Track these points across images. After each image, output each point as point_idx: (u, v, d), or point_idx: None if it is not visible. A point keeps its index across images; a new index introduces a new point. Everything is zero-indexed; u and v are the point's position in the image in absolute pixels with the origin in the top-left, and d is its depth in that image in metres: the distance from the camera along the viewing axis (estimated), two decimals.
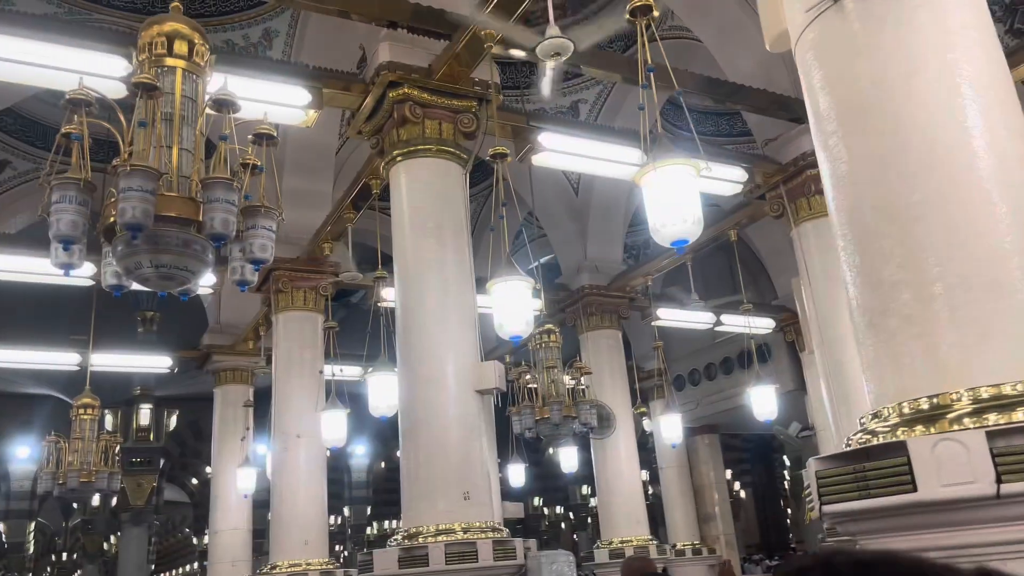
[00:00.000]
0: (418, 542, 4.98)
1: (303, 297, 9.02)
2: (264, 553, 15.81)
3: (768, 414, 9.04)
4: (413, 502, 5.27)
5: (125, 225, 2.91)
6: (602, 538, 10.05)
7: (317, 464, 8.52)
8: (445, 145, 5.92)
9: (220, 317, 12.21)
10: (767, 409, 9.01)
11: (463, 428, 5.36)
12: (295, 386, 8.69)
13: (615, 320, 10.93)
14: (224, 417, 11.75)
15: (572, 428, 8.08)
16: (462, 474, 5.24)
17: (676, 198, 3.41)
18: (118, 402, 18.81)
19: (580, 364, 8.16)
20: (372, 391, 6.80)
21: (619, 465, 10.20)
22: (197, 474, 25.37)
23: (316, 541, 8.29)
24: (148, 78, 3.10)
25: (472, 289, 5.80)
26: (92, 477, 8.88)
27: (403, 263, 5.83)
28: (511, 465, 11.84)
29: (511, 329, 4.81)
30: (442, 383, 5.41)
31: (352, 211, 7.97)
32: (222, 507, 11.31)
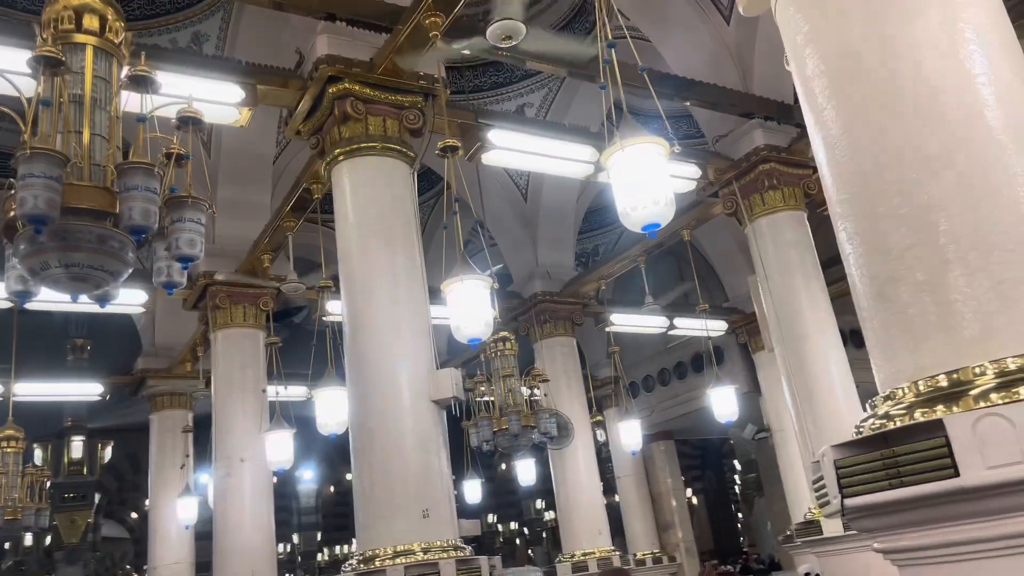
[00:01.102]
0: (375, 566, 4.61)
1: (243, 313, 8.55)
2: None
3: (729, 415, 8.90)
4: (368, 523, 4.90)
5: (27, 217, 2.52)
6: (564, 551, 9.76)
7: (263, 489, 8.05)
8: (390, 143, 5.60)
9: (155, 339, 11.60)
10: (728, 410, 8.87)
11: (420, 441, 5.02)
12: (237, 407, 8.20)
13: (569, 327, 10.70)
14: (162, 444, 11.13)
15: (531, 439, 7.77)
16: (420, 490, 4.89)
17: (646, 179, 3.18)
18: (48, 435, 17.82)
19: (538, 371, 7.90)
20: (320, 407, 6.40)
21: (579, 476, 9.94)
22: (136, 508, 24.26)
23: (264, 571, 7.80)
24: (50, 50, 2.73)
25: (425, 293, 5.47)
26: (18, 515, 8.24)
27: (349, 268, 5.48)
28: (467, 481, 11.46)
29: (469, 331, 4.50)
30: (395, 394, 5.07)
31: (292, 219, 7.58)
32: (162, 540, 10.68)
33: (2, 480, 8.55)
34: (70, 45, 2.98)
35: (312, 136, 5.90)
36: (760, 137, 7.53)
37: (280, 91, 5.78)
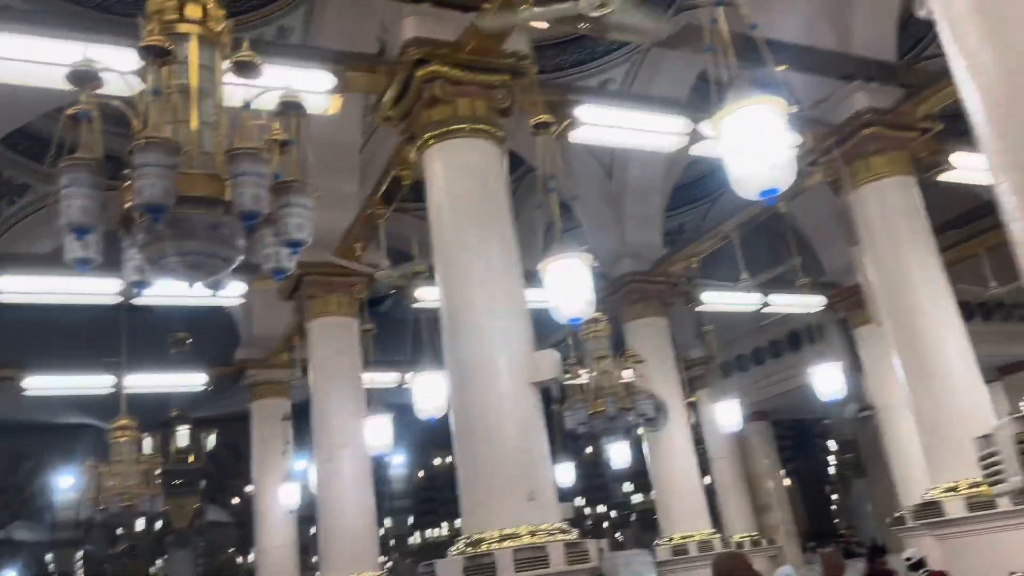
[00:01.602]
0: (482, 549, 4.58)
1: (336, 302, 8.68)
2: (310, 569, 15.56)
3: (835, 393, 8.52)
4: (473, 507, 4.88)
5: (143, 207, 2.54)
6: (662, 534, 9.58)
7: (363, 473, 8.16)
8: (480, 124, 5.53)
9: (253, 330, 11.93)
10: (833, 388, 8.50)
11: (521, 424, 4.96)
12: (334, 394, 8.34)
13: (660, 307, 10.47)
14: (262, 432, 11.46)
15: (628, 421, 7.65)
16: (524, 473, 4.84)
17: (761, 142, 2.98)
18: (155, 425, 18.63)
19: (632, 352, 7.74)
20: (418, 392, 6.42)
21: (675, 458, 9.74)
22: (238, 494, 25.25)
23: (366, 554, 7.93)
24: (158, 40, 2.74)
25: (520, 274, 5.39)
26: (134, 501, 8.62)
27: (444, 252, 5.45)
28: (559, 463, 11.40)
29: (570, 310, 4.40)
30: (494, 377, 5.02)
31: (382, 207, 7.61)
32: (267, 524, 11.02)
33: (118, 468, 8.96)
34: (175, 35, 2.99)
35: (401, 121, 5.89)
36: (862, 100, 7.14)
37: (368, 77, 5.78)
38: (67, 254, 2.84)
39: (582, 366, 7.49)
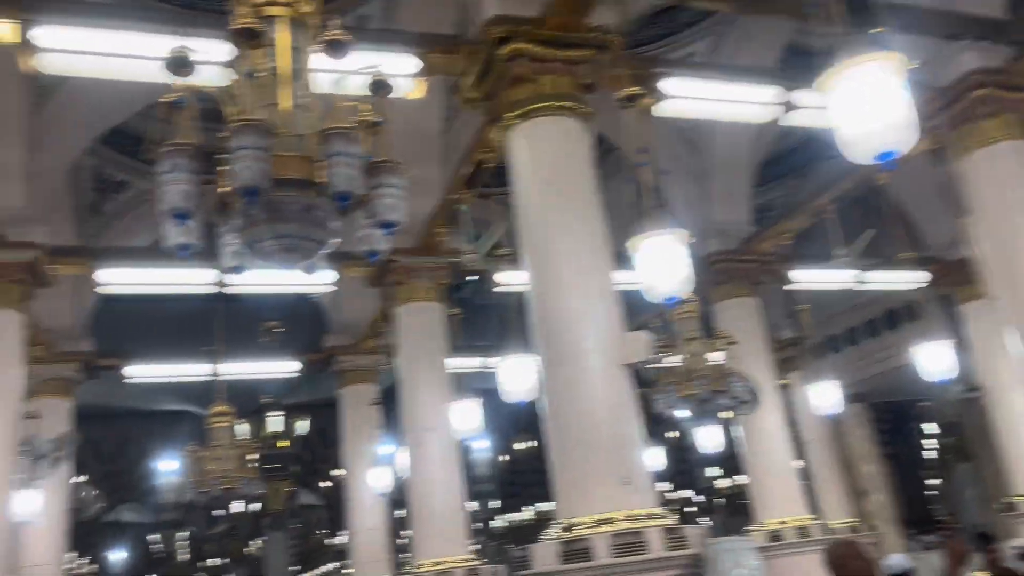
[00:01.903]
0: (577, 534, 4.50)
1: (422, 288, 8.72)
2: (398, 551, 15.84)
3: (942, 373, 8.07)
4: (566, 491, 4.81)
5: (240, 189, 2.54)
6: (756, 520, 9.32)
7: (451, 457, 8.20)
8: (564, 101, 5.41)
9: (340, 318, 12.15)
10: (941, 367, 8.05)
11: (613, 406, 4.85)
12: (422, 379, 8.40)
13: (749, 286, 10.13)
14: (352, 417, 11.68)
15: (720, 404, 7.44)
16: (617, 457, 4.73)
17: (877, 101, 2.77)
18: (249, 411, 19.29)
19: (724, 334, 7.51)
20: (505, 376, 6.37)
21: (769, 442, 9.44)
22: (328, 478, 25.97)
23: (456, 536, 7.97)
24: (250, 22, 2.73)
25: (608, 254, 5.26)
26: (232, 484, 8.89)
27: (530, 233, 5.36)
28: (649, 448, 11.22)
29: (665, 289, 4.25)
30: (585, 359, 4.92)
31: (465, 191, 7.58)
32: (358, 507, 11.25)
33: (218, 453, 9.27)
34: (264, 19, 2.99)
35: (483, 102, 5.82)
36: (971, 60, 6.67)
37: (450, 59, 5.73)
38: (167, 240, 2.88)
39: (671, 348, 7.31)
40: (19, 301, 7.34)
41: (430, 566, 7.69)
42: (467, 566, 7.64)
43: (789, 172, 13.63)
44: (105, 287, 8.41)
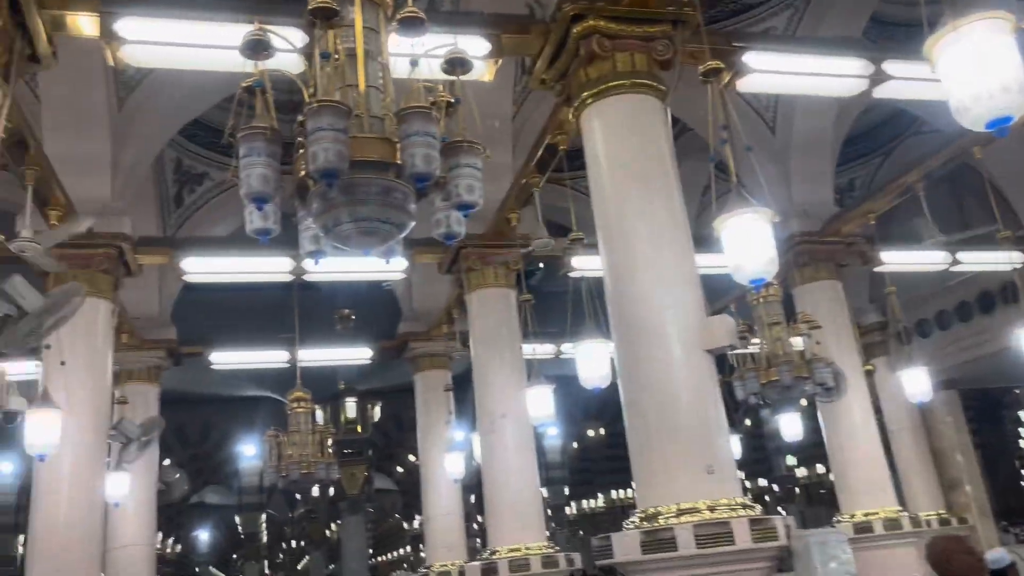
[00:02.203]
0: (659, 524, 4.38)
1: (494, 273, 8.68)
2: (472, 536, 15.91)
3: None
4: (647, 479, 4.68)
5: (318, 172, 2.50)
6: (841, 511, 8.99)
7: (525, 443, 8.16)
8: (640, 78, 5.24)
9: (413, 305, 12.25)
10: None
11: (696, 393, 4.69)
12: (495, 365, 8.38)
13: (833, 269, 9.74)
14: (426, 403, 11.77)
15: (804, 390, 7.16)
16: (701, 444, 4.58)
17: (989, 63, 2.55)
18: (326, 397, 19.73)
19: (808, 317, 7.22)
20: (581, 362, 6.27)
21: (855, 430, 9.07)
22: (402, 463, 26.37)
23: (533, 524, 7.93)
24: (325, 2, 2.69)
25: (688, 236, 5.09)
26: (311, 468, 9.06)
27: (606, 216, 5.23)
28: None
29: (751, 270, 4.06)
30: (665, 345, 4.77)
31: (537, 175, 7.48)
32: (433, 492, 11.33)
33: (296, 438, 9.46)
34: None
35: (557, 83, 5.70)
36: None
37: (523, 39, 5.62)
38: (248, 225, 2.87)
39: (752, 333, 7.07)
40: (108, 290, 7.58)
41: (505, 553, 7.67)
42: (543, 554, 7.59)
43: (874, 150, 13.08)
44: (188, 276, 8.64)
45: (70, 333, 6.79)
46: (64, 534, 6.67)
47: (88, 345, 7.24)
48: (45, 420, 6.11)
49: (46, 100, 7.23)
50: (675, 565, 4.22)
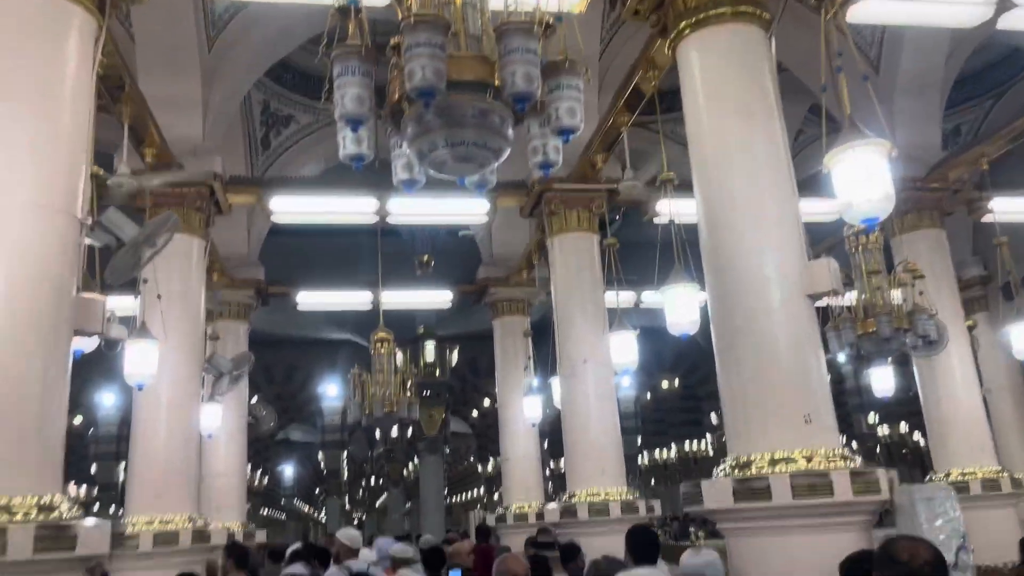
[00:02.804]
0: (751, 473, 4.23)
1: (577, 217, 8.52)
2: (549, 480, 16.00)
3: None
4: (740, 428, 4.52)
5: (415, 90, 2.40)
6: (936, 469, 8.62)
7: (606, 389, 8.08)
8: (742, 5, 4.92)
9: (493, 251, 12.20)
10: None
11: (795, 339, 4.48)
12: (576, 310, 8.27)
13: (936, 217, 9.19)
14: (505, 348, 11.79)
15: (903, 343, 6.82)
16: (799, 393, 4.38)
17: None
18: (406, 341, 20.05)
19: (913, 265, 6.84)
20: (669, 307, 6.08)
21: (954, 387, 8.63)
22: (477, 407, 26.76)
23: (613, 470, 7.88)
24: None
25: (790, 174, 4.81)
26: (393, 407, 9.21)
27: (702, 154, 4.99)
28: None
29: (865, 208, 3.79)
30: (763, 289, 4.55)
31: (624, 115, 7.22)
32: (511, 436, 11.41)
33: (379, 377, 9.61)
34: None
35: (652, 14, 5.42)
36: None
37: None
38: (341, 151, 2.80)
39: (849, 283, 6.73)
40: (200, 228, 7.76)
41: (584, 496, 7.66)
42: (623, 499, 7.54)
43: (987, 91, 12.21)
44: (276, 216, 8.77)
45: (165, 268, 7.02)
46: (162, 462, 6.97)
47: (182, 281, 7.45)
48: (143, 351, 6.33)
49: (140, 39, 7.34)
50: (769, 515, 4.08)
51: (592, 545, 7.16)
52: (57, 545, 3.46)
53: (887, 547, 2.05)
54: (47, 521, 3.48)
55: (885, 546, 2.07)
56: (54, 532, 3.47)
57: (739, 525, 4.22)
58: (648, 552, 3.73)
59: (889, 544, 2.06)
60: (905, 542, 2.04)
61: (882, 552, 2.06)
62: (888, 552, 2.03)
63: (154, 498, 6.81)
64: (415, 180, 2.96)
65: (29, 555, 3.34)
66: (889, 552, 2.02)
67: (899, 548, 2.01)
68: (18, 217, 3.74)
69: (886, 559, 2.01)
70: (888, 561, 2.00)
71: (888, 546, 2.05)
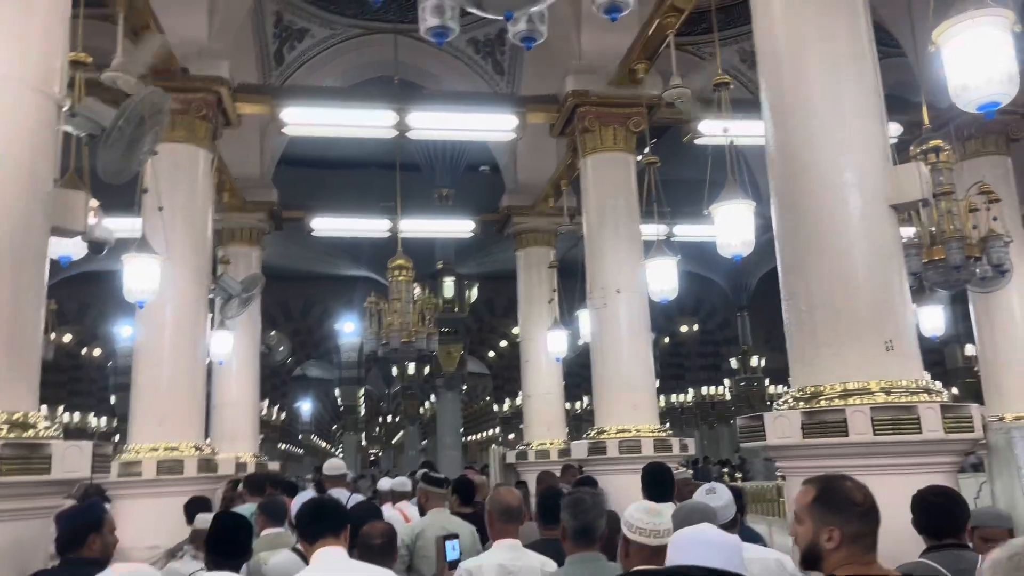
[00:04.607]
0: (820, 404, 3.70)
1: (613, 135, 7.85)
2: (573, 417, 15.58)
3: None
4: (807, 354, 3.97)
5: None
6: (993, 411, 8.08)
7: (640, 320, 7.54)
8: None
9: (517, 177, 11.56)
10: None
11: (876, 255, 3.89)
12: (609, 236, 7.67)
13: (1002, 143, 8.49)
14: (528, 280, 11.24)
15: (972, 272, 6.20)
16: (879, 316, 3.81)
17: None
18: (424, 276, 19.60)
19: (987, 187, 6.18)
20: (721, 226, 5.48)
21: (1013, 325, 8.05)
22: (494, 347, 26.43)
23: (646, 406, 7.40)
24: None
25: (874, 64, 4.15)
26: (412, 337, 8.77)
27: (772, 41, 4.33)
28: None
29: (984, 91, 3.15)
30: (839, 197, 3.95)
31: (673, 15, 6.51)
32: (533, 371, 10.95)
33: (397, 306, 9.14)
34: None
35: None
36: None
37: None
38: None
39: None
40: (206, 138, 7.19)
41: (614, 432, 7.21)
42: (656, 436, 7.08)
43: None
44: (289, 128, 8.17)
45: (169, 179, 6.50)
46: (167, 385, 6.56)
47: (187, 194, 6.92)
48: (144, 266, 5.87)
49: None
50: (844, 452, 3.55)
51: (619, 483, 6.75)
52: (28, 467, 3.01)
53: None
54: (18, 440, 3.02)
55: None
56: (24, 452, 3.02)
57: (806, 465, 3.69)
58: (663, 489, 3.77)
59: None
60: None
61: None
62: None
63: (158, 424, 6.41)
64: (446, 27, 2.37)
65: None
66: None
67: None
68: None
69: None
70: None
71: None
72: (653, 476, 3.93)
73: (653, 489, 3.84)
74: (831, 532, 1.90)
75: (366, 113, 7.87)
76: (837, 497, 1.94)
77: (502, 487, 3.62)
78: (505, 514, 3.14)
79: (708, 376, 25.42)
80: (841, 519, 1.90)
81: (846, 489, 1.96)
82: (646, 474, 3.96)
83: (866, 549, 1.91)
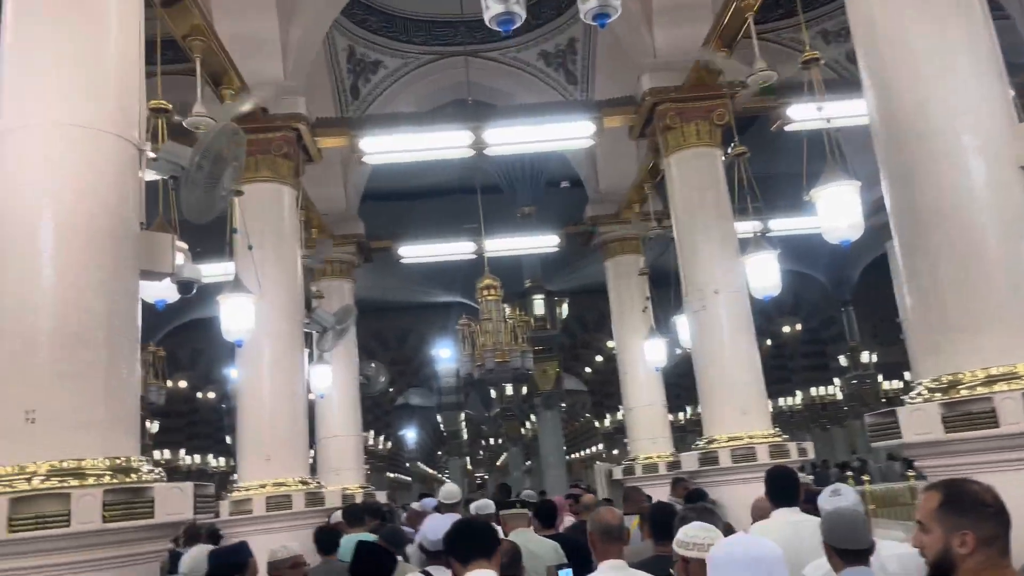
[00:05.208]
0: (960, 395, 3.32)
1: (696, 131, 7.55)
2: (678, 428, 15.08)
3: None
4: (937, 340, 3.58)
5: None
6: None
7: (742, 319, 7.16)
8: None
9: (599, 187, 11.34)
10: None
11: (1006, 225, 3.49)
12: (701, 234, 7.35)
13: None
14: (619, 290, 10.96)
15: None
16: (1018, 292, 3.41)
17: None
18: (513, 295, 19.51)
19: None
20: (823, 209, 5.10)
21: None
22: (589, 363, 26.06)
23: (755, 409, 7.00)
24: None
25: (985, 17, 3.77)
26: (506, 356, 8.66)
27: (865, 5, 3.99)
28: None
29: None
30: (962, 162, 3.57)
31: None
32: (632, 383, 10.62)
33: (488, 325, 9.06)
34: None
35: None
36: None
37: None
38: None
39: None
40: (289, 176, 7.29)
41: (725, 440, 6.84)
42: (771, 442, 6.68)
43: None
44: (368, 156, 8.22)
45: (257, 219, 6.61)
46: (268, 421, 6.62)
47: (275, 232, 7.02)
48: (239, 305, 5.95)
49: None
50: (997, 446, 3.16)
51: (734, 494, 6.39)
52: (132, 511, 2.98)
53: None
54: (120, 485, 3.01)
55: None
56: (128, 496, 2.99)
57: (950, 463, 3.31)
58: (788, 494, 3.64)
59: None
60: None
61: None
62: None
63: (265, 461, 6.46)
64: (512, 13, 2.20)
65: (99, 524, 2.87)
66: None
67: None
68: (60, 136, 3.24)
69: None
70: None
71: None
72: (777, 480, 3.75)
73: (778, 494, 3.69)
74: (963, 536, 1.78)
75: (442, 134, 7.84)
76: (966, 499, 1.83)
77: (602, 507, 3.53)
78: (607, 534, 3.05)
79: (815, 376, 24.33)
80: (972, 522, 1.79)
81: (974, 490, 1.85)
82: (770, 478, 3.78)
83: (1001, 553, 1.79)
